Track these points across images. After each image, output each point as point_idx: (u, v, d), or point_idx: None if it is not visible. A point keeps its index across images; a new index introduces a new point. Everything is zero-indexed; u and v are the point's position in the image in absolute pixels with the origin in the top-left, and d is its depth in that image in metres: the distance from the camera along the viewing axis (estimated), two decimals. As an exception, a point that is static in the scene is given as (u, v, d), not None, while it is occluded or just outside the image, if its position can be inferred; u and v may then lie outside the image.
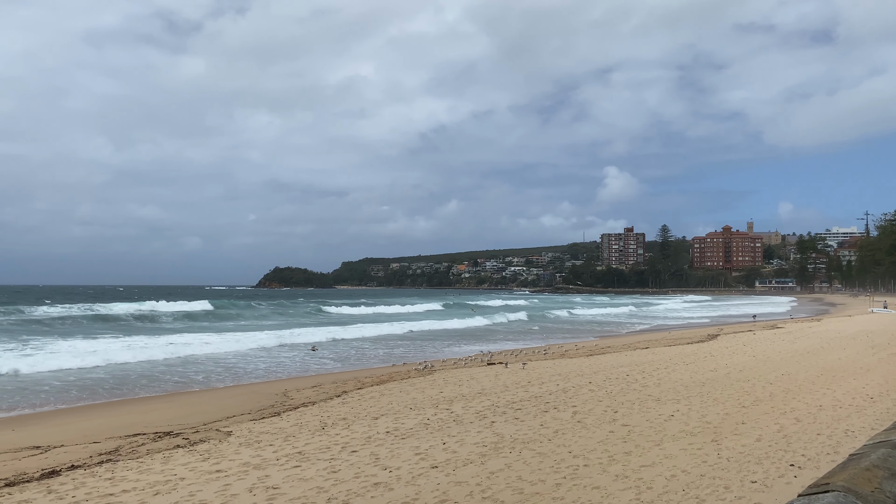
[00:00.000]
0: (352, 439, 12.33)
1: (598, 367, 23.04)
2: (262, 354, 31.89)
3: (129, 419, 16.33)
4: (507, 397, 16.63)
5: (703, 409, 14.23)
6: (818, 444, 10.99)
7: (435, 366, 25.61)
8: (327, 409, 16.24)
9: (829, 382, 17.61)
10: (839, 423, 12.66)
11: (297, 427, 13.90)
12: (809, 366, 21.35)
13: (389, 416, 14.65)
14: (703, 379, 18.85)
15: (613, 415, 13.78)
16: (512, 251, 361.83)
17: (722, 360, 23.57)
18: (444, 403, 16.05)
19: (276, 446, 12.02)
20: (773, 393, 16.16)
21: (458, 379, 20.76)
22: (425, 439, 12.05)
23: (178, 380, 23.85)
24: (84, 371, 25.33)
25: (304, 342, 37.63)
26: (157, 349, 31.72)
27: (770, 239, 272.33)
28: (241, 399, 19.13)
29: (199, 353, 31.71)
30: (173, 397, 20.15)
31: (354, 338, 41.39)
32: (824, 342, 30.13)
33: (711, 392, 16.42)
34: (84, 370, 25.50)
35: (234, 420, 15.46)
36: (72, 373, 24.75)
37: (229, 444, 12.50)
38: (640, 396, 16.06)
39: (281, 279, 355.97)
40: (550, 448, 11.04)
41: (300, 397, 18.84)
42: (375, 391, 18.88)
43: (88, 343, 35.14)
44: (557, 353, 29.84)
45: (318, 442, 12.21)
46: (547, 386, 18.36)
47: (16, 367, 25.07)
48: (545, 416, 13.80)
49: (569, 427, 12.70)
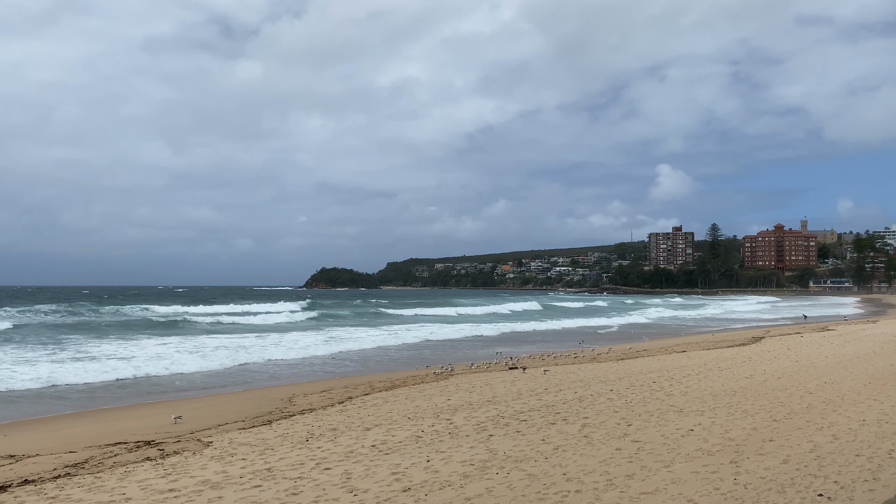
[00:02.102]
0: (332, 454, 11.26)
1: (625, 372, 21.60)
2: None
3: (126, 425, 15.60)
4: (517, 406, 15.38)
5: (728, 422, 12.77)
6: (855, 469, 9.51)
7: (456, 369, 24.48)
8: (323, 417, 15.22)
9: (878, 392, 15.91)
10: (883, 441, 11.10)
11: (281, 438, 12.90)
12: (857, 373, 19.56)
13: (383, 426, 13.55)
14: (736, 387, 17.29)
15: (626, 428, 12.43)
16: (557, 251, 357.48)
17: (760, 366, 21.88)
18: (446, 413, 14.88)
19: (248, 460, 11.02)
20: (812, 404, 14.58)
21: (471, 385, 19.57)
22: (410, 455, 10.91)
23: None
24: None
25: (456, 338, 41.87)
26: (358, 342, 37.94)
27: (825, 238, 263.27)
28: (245, 404, 18.29)
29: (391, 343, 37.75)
30: (194, 401, 19.40)
31: (526, 330, 48.75)
32: (876, 346, 28.04)
33: (742, 402, 14.91)
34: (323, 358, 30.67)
35: (223, 428, 14.56)
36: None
37: (202, 456, 11.55)
38: (661, 407, 14.64)
39: (327, 279, 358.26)
40: (544, 468, 9.78)
41: (303, 403, 17.90)
42: (381, 397, 17.82)
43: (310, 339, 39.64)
44: (588, 357, 28.40)
45: (295, 456, 11.17)
46: (563, 394, 17.04)
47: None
48: (550, 430, 12.53)
49: (572, 443, 11.42)
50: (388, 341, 38.79)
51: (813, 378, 18.64)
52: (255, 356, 30.37)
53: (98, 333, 42.54)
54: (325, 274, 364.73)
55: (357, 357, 31.48)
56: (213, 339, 38.47)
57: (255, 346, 34.72)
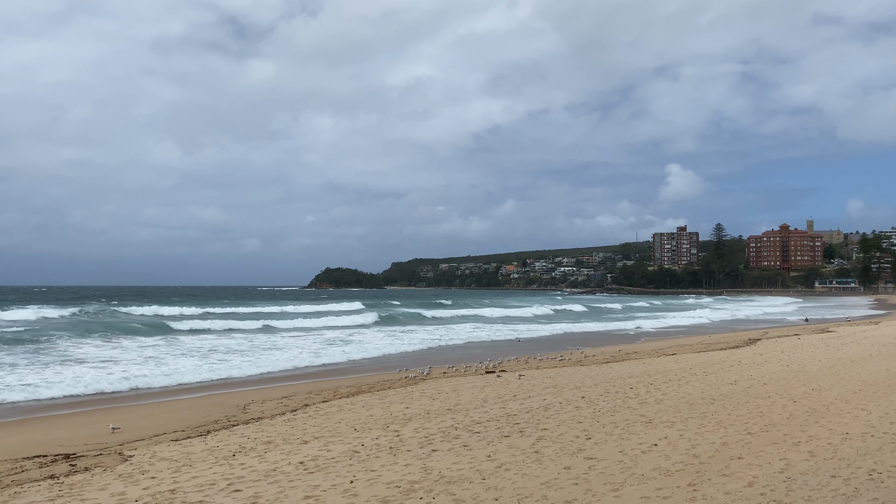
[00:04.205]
0: (252, 472, 10.16)
1: (605, 377, 20.45)
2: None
3: (61, 434, 14.53)
4: (476, 416, 14.25)
5: (697, 435, 11.62)
6: (828, 493, 8.36)
7: (433, 373, 23.38)
8: (265, 427, 14.13)
9: (867, 401, 14.74)
10: (865, 459, 9.95)
11: (208, 452, 11.81)
12: (849, 378, 18.38)
13: (323, 439, 12.45)
14: (716, 394, 16.13)
15: (584, 443, 11.30)
16: (562, 251, 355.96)
17: (748, 371, 20.70)
18: (397, 423, 13.77)
19: (157, 479, 9.93)
20: (794, 414, 13.42)
21: (438, 391, 18.46)
22: (336, 475, 9.80)
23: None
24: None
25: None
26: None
27: (831, 238, 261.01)
28: (197, 411, 17.24)
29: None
30: (151, 407, 18.32)
31: (582, 331, 49.63)
32: (875, 349, 26.81)
33: (718, 412, 13.75)
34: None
35: (157, 440, 13.48)
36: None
37: (111, 474, 10.46)
38: (629, 417, 13.50)
39: (332, 279, 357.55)
40: (476, 492, 8.67)
41: (256, 411, 16.82)
42: (338, 405, 16.72)
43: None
44: (573, 361, 27.25)
45: (211, 474, 10.08)
46: (530, 401, 15.91)
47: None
48: (500, 444, 11.40)
49: (519, 459, 10.29)
50: (442, 341, 39.73)
51: (801, 384, 17.47)
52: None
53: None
54: (330, 274, 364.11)
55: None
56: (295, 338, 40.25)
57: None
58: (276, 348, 34.43)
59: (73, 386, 21.20)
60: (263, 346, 35.21)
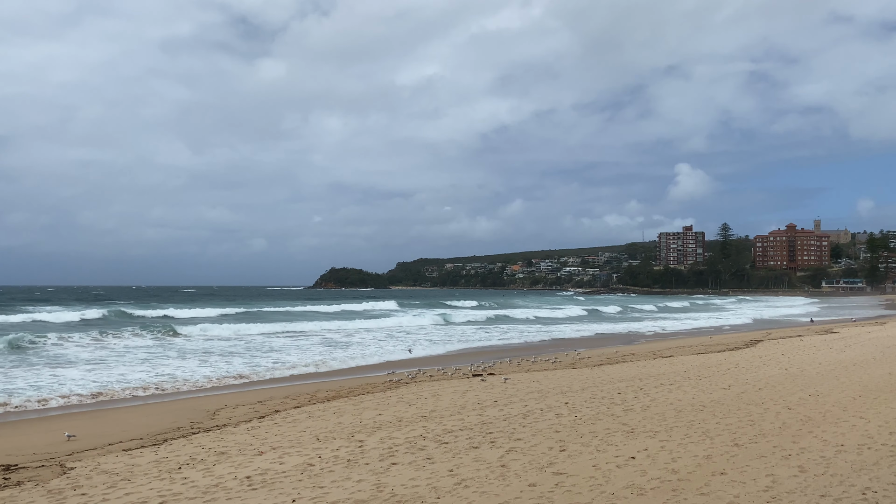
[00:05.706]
0: (192, 488, 9.37)
1: (594, 381, 19.59)
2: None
3: (16, 442, 13.80)
4: (450, 424, 13.42)
5: (680, 447, 10.76)
6: (815, 517, 7.52)
7: (418, 377, 22.57)
8: (224, 436, 13.34)
9: (866, 408, 13.84)
10: (860, 475, 9.09)
11: (154, 464, 11.02)
12: (849, 383, 17.47)
13: (280, 450, 11.64)
14: (707, 400, 15.25)
15: (556, 455, 10.46)
16: (567, 251, 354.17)
17: (744, 375, 19.81)
18: (364, 432, 12.96)
19: (85, 497, 9.14)
20: (787, 423, 12.54)
21: (417, 395, 17.64)
22: (280, 492, 8.99)
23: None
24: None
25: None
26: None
27: (839, 237, 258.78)
28: (162, 417, 16.51)
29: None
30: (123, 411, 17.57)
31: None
32: (878, 351, 25.86)
33: (706, 421, 12.89)
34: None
35: (107, 449, 12.72)
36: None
37: (40, 490, 9.68)
38: (611, 426, 12.64)
39: (337, 279, 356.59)
40: (425, 514, 7.85)
41: (223, 417, 16.07)
42: (307, 411, 15.92)
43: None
44: (567, 363, 26.40)
45: (145, 491, 9.28)
46: (510, 408, 15.07)
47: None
48: (467, 456, 10.57)
49: (483, 475, 9.46)
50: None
51: (798, 389, 16.58)
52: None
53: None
54: (335, 274, 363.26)
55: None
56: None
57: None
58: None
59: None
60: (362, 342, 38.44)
